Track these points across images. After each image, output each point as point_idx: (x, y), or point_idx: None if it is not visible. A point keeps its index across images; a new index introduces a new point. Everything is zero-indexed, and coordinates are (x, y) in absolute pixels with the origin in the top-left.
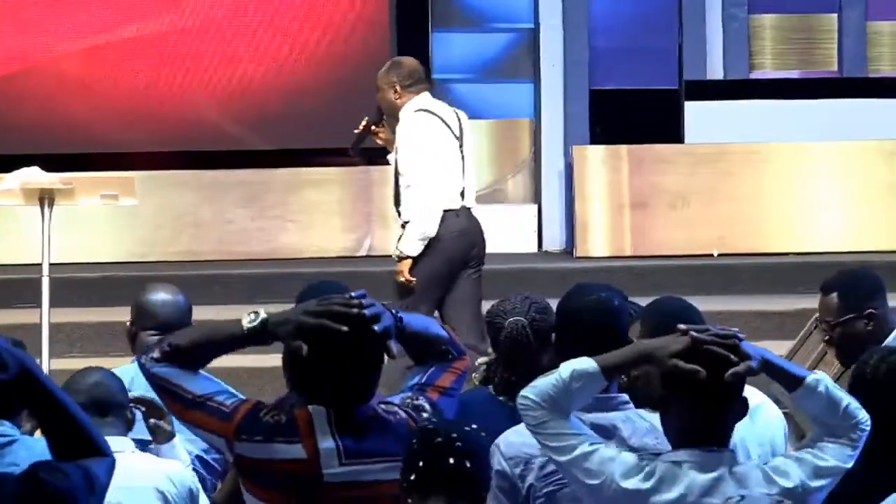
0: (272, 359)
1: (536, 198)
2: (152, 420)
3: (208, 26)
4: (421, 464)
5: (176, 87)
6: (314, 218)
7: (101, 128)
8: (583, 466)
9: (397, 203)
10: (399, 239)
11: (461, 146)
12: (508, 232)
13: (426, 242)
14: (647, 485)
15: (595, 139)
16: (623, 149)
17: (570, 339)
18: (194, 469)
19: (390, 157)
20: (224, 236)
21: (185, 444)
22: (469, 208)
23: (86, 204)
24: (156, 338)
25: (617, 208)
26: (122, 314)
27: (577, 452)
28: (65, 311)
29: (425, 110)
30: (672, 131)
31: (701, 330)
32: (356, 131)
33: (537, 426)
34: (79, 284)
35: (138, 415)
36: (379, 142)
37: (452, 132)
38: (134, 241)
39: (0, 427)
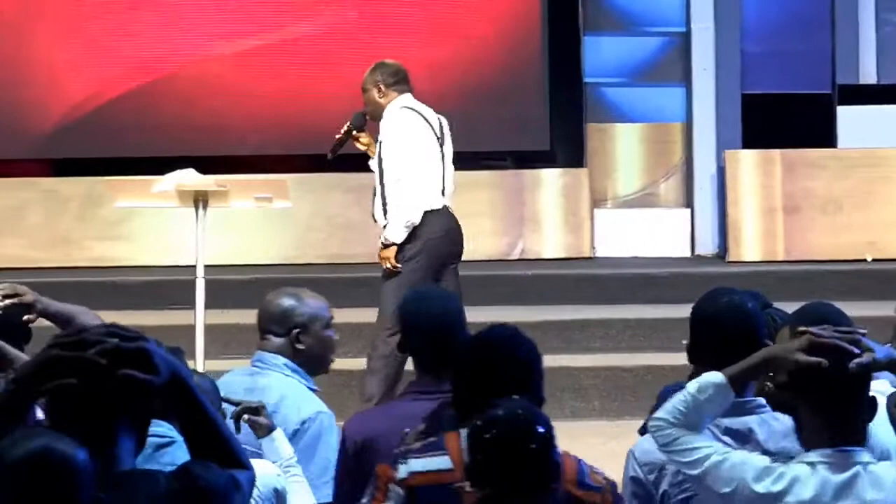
0: None
1: (689, 202)
2: (247, 416)
3: (356, 30)
4: (492, 449)
5: (322, 90)
6: (466, 221)
7: (252, 130)
8: (715, 476)
9: (383, 206)
10: (384, 227)
11: (441, 146)
12: (661, 236)
13: (410, 230)
14: (779, 487)
15: (746, 143)
16: (775, 153)
17: (704, 343)
18: None
19: (372, 164)
20: (374, 239)
21: None
22: (447, 206)
23: (239, 206)
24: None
25: (769, 212)
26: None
27: (708, 463)
28: (219, 313)
29: (409, 108)
30: (824, 135)
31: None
32: (337, 136)
33: (668, 444)
34: (232, 286)
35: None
36: (360, 147)
37: (434, 132)
38: (287, 243)
39: (159, 428)
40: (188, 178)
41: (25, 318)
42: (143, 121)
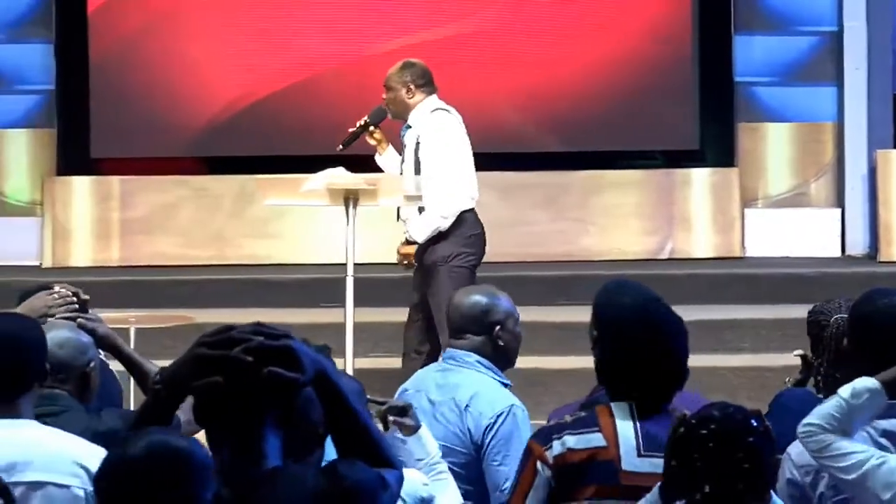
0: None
1: (840, 202)
2: (393, 417)
3: (509, 29)
4: (707, 489)
5: (475, 90)
6: (614, 220)
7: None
8: (874, 481)
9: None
10: (406, 222)
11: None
12: (811, 236)
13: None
14: None
15: None
16: None
17: (863, 343)
18: None
19: (379, 159)
20: (523, 238)
21: None
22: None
23: (389, 204)
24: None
25: None
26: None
27: (865, 468)
28: (368, 311)
29: (444, 109)
30: None
31: None
32: (350, 130)
33: (821, 450)
34: (382, 284)
35: None
36: (371, 142)
37: (467, 133)
38: None
39: None
40: (338, 176)
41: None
42: (296, 119)
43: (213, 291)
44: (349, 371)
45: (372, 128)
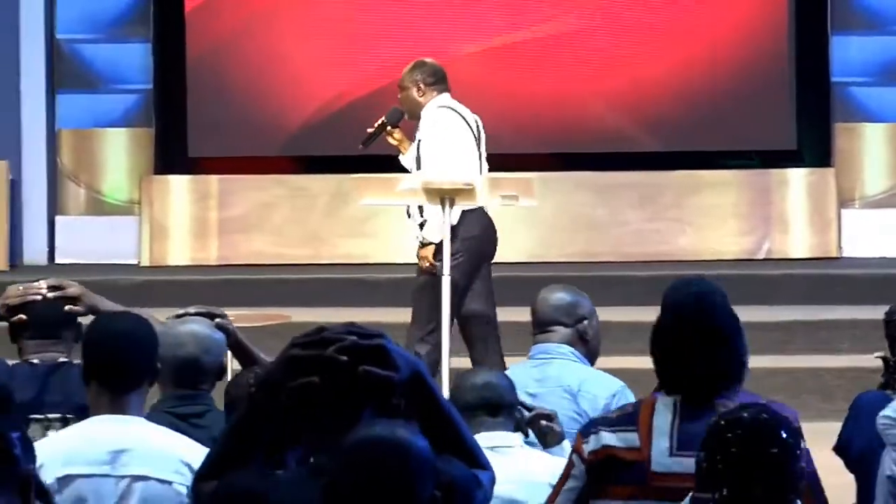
0: None
1: None
2: (543, 422)
3: (601, 29)
4: (725, 491)
5: (570, 90)
6: (711, 220)
7: (496, 129)
8: None
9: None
10: (420, 226)
11: (479, 146)
12: None
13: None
14: None
15: None
16: None
17: None
18: None
19: (403, 159)
20: (619, 238)
21: None
22: (483, 207)
23: (485, 204)
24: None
25: None
26: (520, 314)
27: None
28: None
29: (448, 107)
30: None
31: None
32: (369, 130)
33: None
34: None
35: None
36: (392, 142)
37: (472, 132)
38: (532, 241)
39: None
40: (435, 175)
41: (67, 308)
42: None
43: (309, 290)
44: (444, 371)
45: (390, 128)
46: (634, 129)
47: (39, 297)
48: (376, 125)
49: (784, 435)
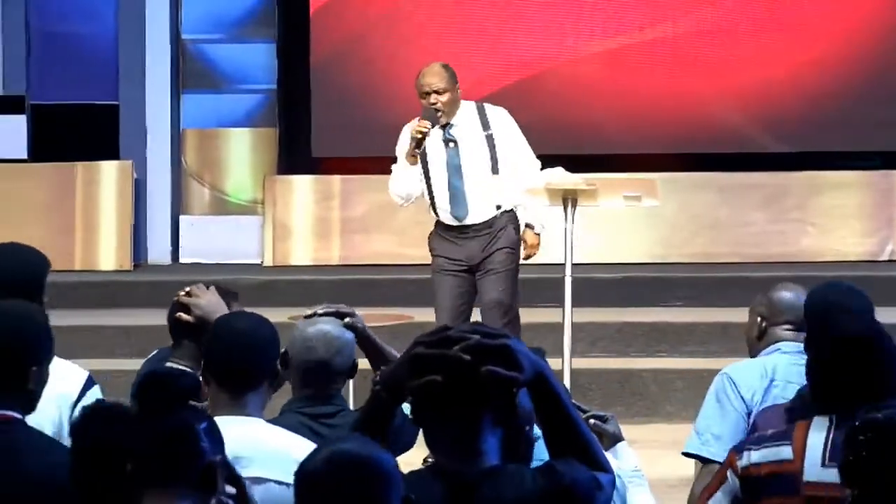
0: None
1: None
2: (592, 421)
3: (725, 29)
4: (863, 451)
5: (693, 90)
6: (834, 221)
7: (619, 129)
8: None
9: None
10: (529, 214)
11: None
12: None
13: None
14: None
15: None
16: None
17: None
18: None
19: (436, 158)
20: (741, 238)
21: None
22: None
23: (608, 205)
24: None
25: None
26: (642, 314)
27: None
28: (586, 311)
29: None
30: None
31: None
32: (419, 136)
33: None
34: (600, 284)
35: None
36: (417, 135)
37: None
38: (653, 241)
39: None
40: (557, 176)
41: (178, 315)
42: (515, 118)
43: (430, 291)
44: (566, 371)
45: (430, 128)
46: (757, 130)
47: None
48: (425, 130)
49: None
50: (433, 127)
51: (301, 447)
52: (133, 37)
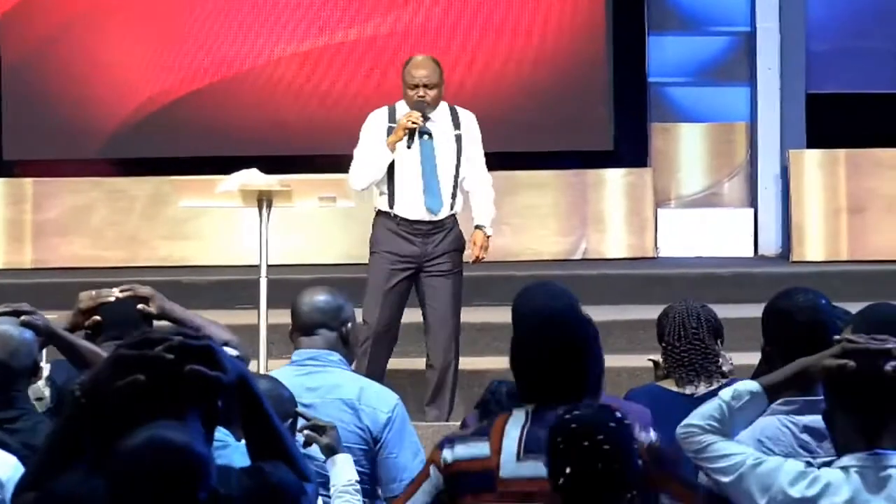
0: None
1: (752, 202)
2: (307, 432)
3: (420, 30)
4: (568, 470)
5: (392, 90)
6: (529, 221)
7: (316, 130)
8: (750, 482)
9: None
10: (482, 216)
11: None
12: (724, 236)
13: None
14: (814, 491)
15: (811, 143)
16: (840, 153)
17: (780, 339)
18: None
19: (418, 150)
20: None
21: None
22: None
23: (303, 206)
24: None
25: (833, 213)
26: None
27: (742, 470)
28: (282, 313)
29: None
30: (891, 135)
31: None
32: (409, 128)
33: (699, 451)
34: (296, 286)
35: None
36: (410, 126)
37: None
38: (349, 242)
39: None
40: (252, 178)
41: (140, 306)
42: (209, 121)
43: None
44: (262, 372)
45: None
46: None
47: (112, 299)
48: (419, 121)
49: (612, 425)
50: (424, 119)
51: None
52: None
